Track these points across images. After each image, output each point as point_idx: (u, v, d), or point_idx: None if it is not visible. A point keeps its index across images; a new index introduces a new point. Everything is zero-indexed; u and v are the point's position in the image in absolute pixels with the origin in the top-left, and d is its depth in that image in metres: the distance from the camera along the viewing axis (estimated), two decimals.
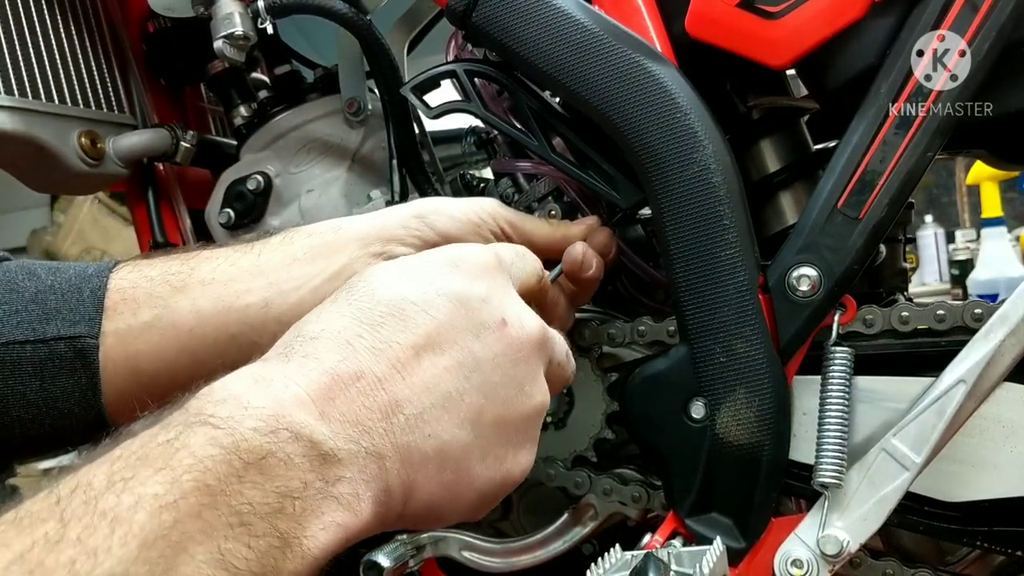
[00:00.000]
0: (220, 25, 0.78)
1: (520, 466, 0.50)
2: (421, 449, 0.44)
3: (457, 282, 0.48)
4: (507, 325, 0.48)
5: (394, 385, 0.44)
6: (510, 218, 0.66)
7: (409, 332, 0.45)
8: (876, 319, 0.61)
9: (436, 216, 0.63)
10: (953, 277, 2.87)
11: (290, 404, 0.40)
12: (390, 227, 0.62)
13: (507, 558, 0.75)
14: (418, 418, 0.44)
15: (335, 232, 0.63)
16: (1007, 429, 0.58)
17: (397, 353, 0.44)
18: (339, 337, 0.44)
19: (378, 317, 0.45)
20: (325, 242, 0.62)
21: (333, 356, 0.43)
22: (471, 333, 0.47)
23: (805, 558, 0.59)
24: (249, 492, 0.36)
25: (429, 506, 0.45)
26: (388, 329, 0.45)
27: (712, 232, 0.61)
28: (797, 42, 0.61)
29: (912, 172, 0.59)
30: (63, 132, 0.85)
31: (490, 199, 0.67)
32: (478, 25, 0.66)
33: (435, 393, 0.45)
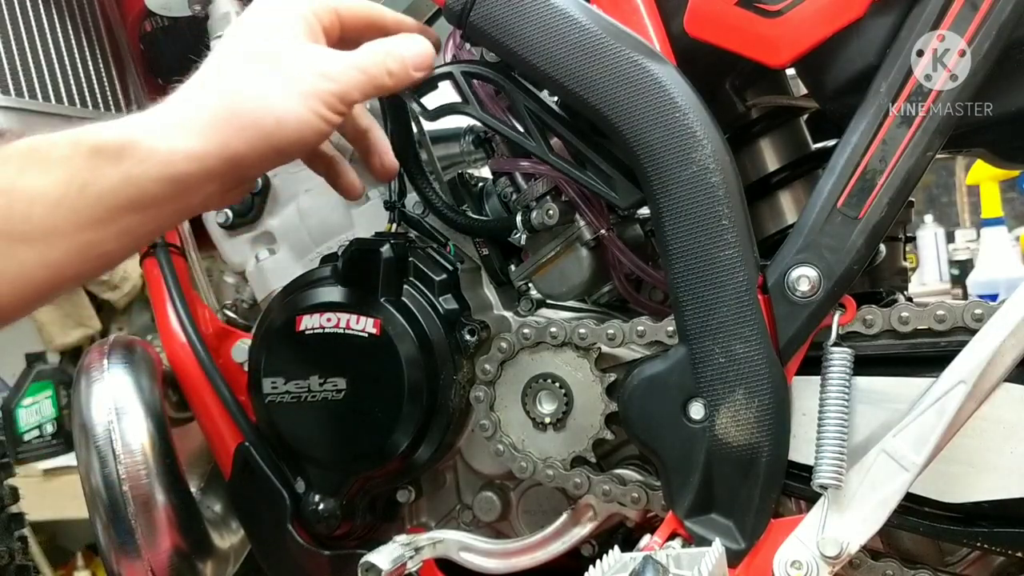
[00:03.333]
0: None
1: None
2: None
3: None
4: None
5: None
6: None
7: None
8: (876, 319, 0.61)
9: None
10: (953, 277, 2.87)
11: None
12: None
13: (506, 559, 0.75)
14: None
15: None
16: (1007, 430, 0.57)
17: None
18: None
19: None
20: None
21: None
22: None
23: (805, 559, 0.59)
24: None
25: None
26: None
27: (711, 232, 0.61)
28: (797, 41, 0.60)
29: (912, 172, 0.58)
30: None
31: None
32: (476, 24, 0.65)
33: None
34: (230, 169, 0.57)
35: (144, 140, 0.54)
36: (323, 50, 0.61)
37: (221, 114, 0.56)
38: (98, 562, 2.14)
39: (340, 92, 0.59)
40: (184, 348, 0.88)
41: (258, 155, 0.57)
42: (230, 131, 0.56)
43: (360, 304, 0.72)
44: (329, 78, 0.59)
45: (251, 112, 0.56)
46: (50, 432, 1.21)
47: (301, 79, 0.58)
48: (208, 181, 0.56)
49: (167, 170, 0.54)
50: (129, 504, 0.79)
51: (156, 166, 0.54)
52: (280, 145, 0.58)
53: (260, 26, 0.60)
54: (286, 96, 0.57)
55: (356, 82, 0.60)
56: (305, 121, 0.58)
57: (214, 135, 0.55)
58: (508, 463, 0.72)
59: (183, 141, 0.54)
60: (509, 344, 0.71)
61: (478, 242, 0.77)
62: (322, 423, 0.73)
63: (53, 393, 1.25)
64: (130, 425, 0.81)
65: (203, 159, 0.55)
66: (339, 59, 0.60)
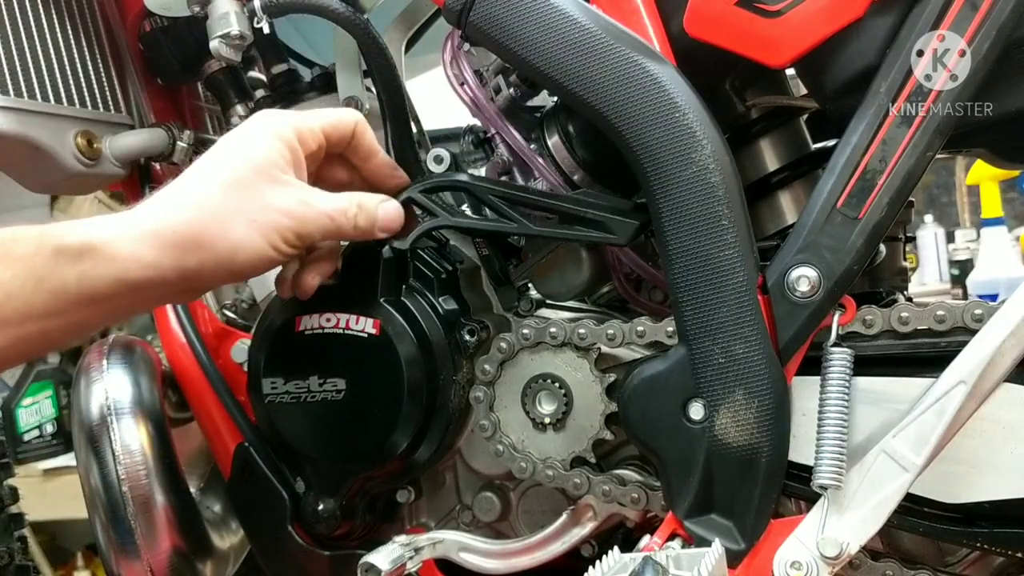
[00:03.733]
0: (216, 25, 0.78)
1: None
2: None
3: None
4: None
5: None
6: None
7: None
8: (876, 319, 0.61)
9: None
10: (953, 277, 2.87)
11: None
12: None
13: (506, 559, 0.75)
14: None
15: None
16: (1007, 430, 0.57)
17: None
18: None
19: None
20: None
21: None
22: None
23: (805, 560, 0.59)
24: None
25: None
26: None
27: (711, 232, 0.61)
28: (797, 41, 0.60)
29: (912, 172, 0.58)
30: (59, 132, 0.84)
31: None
32: (475, 24, 0.65)
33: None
34: (181, 281, 0.61)
35: (104, 246, 0.58)
36: (295, 191, 0.64)
37: (182, 235, 0.60)
38: (98, 562, 2.14)
39: (300, 232, 0.63)
40: (184, 348, 0.88)
41: (209, 274, 0.62)
42: (187, 251, 0.60)
43: (360, 304, 0.72)
44: (293, 217, 0.63)
45: (211, 239, 0.61)
46: (50, 432, 1.21)
47: (265, 214, 0.62)
48: (159, 287, 0.61)
49: (122, 275, 0.59)
50: (128, 504, 0.79)
51: (112, 271, 0.59)
52: (232, 270, 0.62)
53: (243, 154, 0.63)
54: (247, 229, 0.61)
55: (319, 225, 0.64)
56: (258, 251, 0.62)
57: (171, 252, 0.60)
58: (508, 463, 0.72)
59: (141, 252, 0.59)
60: (509, 344, 0.71)
61: (478, 242, 0.77)
62: (322, 423, 0.73)
63: (53, 393, 1.25)
64: (129, 425, 0.81)
65: (157, 270, 0.59)
66: (309, 202, 0.64)
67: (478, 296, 0.77)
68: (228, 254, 0.61)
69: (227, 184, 0.62)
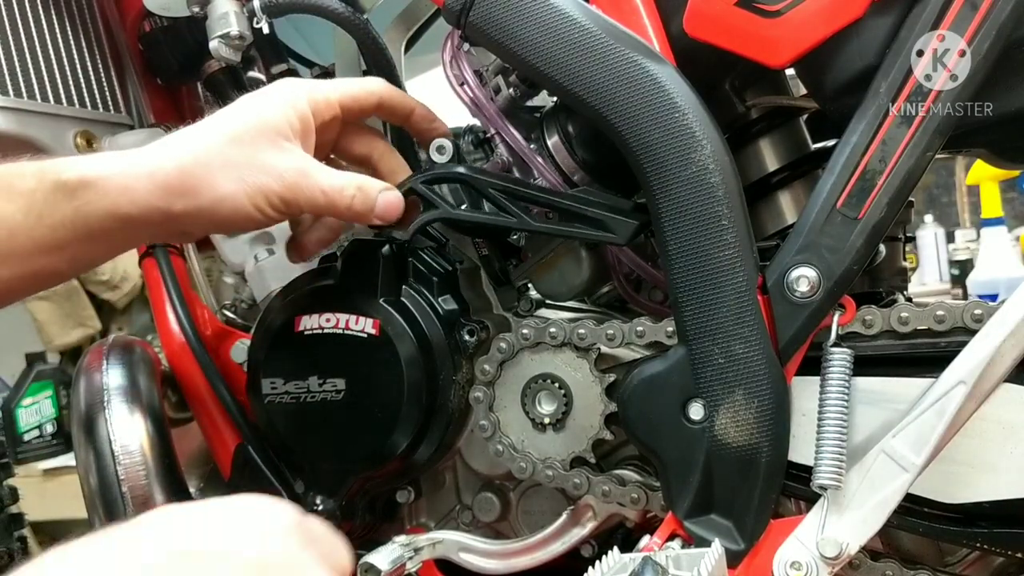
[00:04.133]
0: (216, 25, 0.78)
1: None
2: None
3: (254, 550, 0.42)
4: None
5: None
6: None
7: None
8: (875, 320, 0.61)
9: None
10: (953, 277, 2.87)
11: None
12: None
13: (505, 559, 0.75)
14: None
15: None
16: (1007, 430, 0.57)
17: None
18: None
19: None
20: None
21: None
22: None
23: (804, 560, 0.59)
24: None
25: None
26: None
27: (711, 232, 0.61)
28: (796, 41, 0.60)
29: (912, 172, 0.58)
30: (59, 132, 0.84)
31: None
32: (475, 24, 0.65)
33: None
34: (168, 222, 0.63)
35: (99, 181, 0.60)
36: (293, 158, 0.64)
37: (172, 178, 0.62)
38: None
39: (287, 198, 0.64)
40: (183, 348, 0.88)
41: (192, 220, 0.63)
42: (174, 194, 0.62)
43: (359, 304, 0.72)
44: (283, 182, 0.63)
45: (196, 187, 0.62)
46: (50, 432, 1.21)
47: (254, 174, 0.63)
48: (150, 226, 0.63)
49: (114, 210, 0.61)
50: (128, 504, 0.79)
51: (105, 205, 0.61)
52: (214, 219, 0.63)
53: (251, 114, 0.64)
54: (234, 184, 0.62)
55: (310, 196, 0.64)
56: (240, 208, 0.63)
57: (160, 193, 0.61)
58: (507, 463, 0.72)
59: (133, 190, 0.61)
60: (508, 344, 0.71)
61: (477, 242, 0.77)
62: (321, 423, 0.73)
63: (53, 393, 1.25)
64: (129, 425, 0.81)
65: (145, 209, 0.61)
66: (305, 171, 0.64)
67: (478, 296, 0.77)
68: (211, 204, 0.62)
69: (226, 138, 0.63)
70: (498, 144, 0.76)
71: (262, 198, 0.63)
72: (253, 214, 0.63)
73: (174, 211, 0.62)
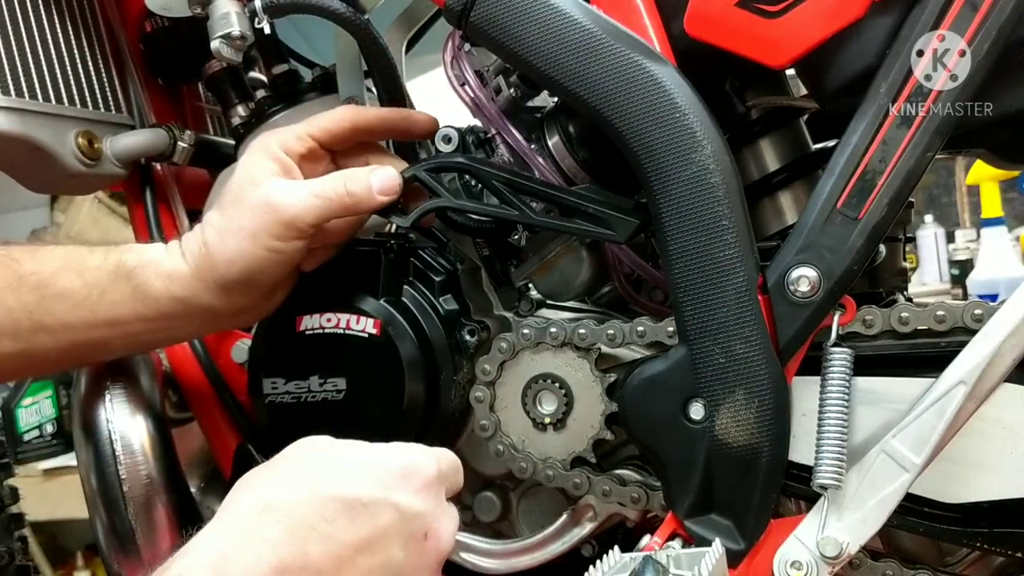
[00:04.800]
0: (217, 25, 0.78)
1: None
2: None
3: (402, 494, 0.53)
4: (428, 539, 0.54)
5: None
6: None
7: (354, 533, 0.51)
8: (876, 320, 0.61)
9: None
10: (953, 277, 2.87)
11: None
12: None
13: (506, 559, 0.75)
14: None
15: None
16: (1007, 430, 0.57)
17: (340, 551, 0.50)
18: (295, 530, 0.49)
19: (331, 512, 0.50)
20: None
21: (286, 549, 0.48)
22: (400, 543, 0.53)
23: (805, 560, 0.59)
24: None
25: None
26: (338, 526, 0.50)
27: (711, 232, 0.61)
28: (796, 42, 0.60)
29: (912, 172, 0.58)
30: (60, 132, 0.84)
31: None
32: (476, 25, 0.65)
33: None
34: (215, 300, 0.69)
35: (151, 264, 0.68)
36: (278, 185, 0.67)
37: (202, 256, 0.68)
38: (98, 562, 2.14)
39: (288, 220, 0.66)
40: (184, 348, 0.88)
41: (227, 294, 0.69)
42: (208, 271, 0.68)
43: (360, 305, 0.72)
44: (274, 209, 0.66)
45: (212, 257, 0.67)
46: (50, 432, 1.21)
47: (251, 218, 0.66)
48: (199, 308, 0.69)
49: (166, 294, 0.68)
50: (129, 504, 0.79)
51: (162, 284, 0.68)
52: (241, 279, 0.68)
53: (235, 178, 0.69)
54: (233, 238, 0.67)
55: (307, 207, 0.66)
56: (253, 254, 0.66)
57: (199, 272, 0.68)
58: (508, 463, 0.72)
59: (178, 274, 0.68)
60: (509, 344, 0.71)
61: (478, 242, 0.77)
62: (322, 423, 0.72)
63: (53, 393, 1.25)
64: (130, 425, 0.81)
65: (192, 287, 0.68)
66: (293, 189, 0.67)
67: (479, 296, 0.77)
68: (225, 266, 0.67)
69: (223, 205, 0.68)
70: (499, 144, 0.76)
71: (267, 236, 0.66)
72: (265, 254, 0.67)
73: (213, 287, 0.68)
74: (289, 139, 0.70)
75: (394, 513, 0.53)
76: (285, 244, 0.66)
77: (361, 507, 0.52)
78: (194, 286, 0.68)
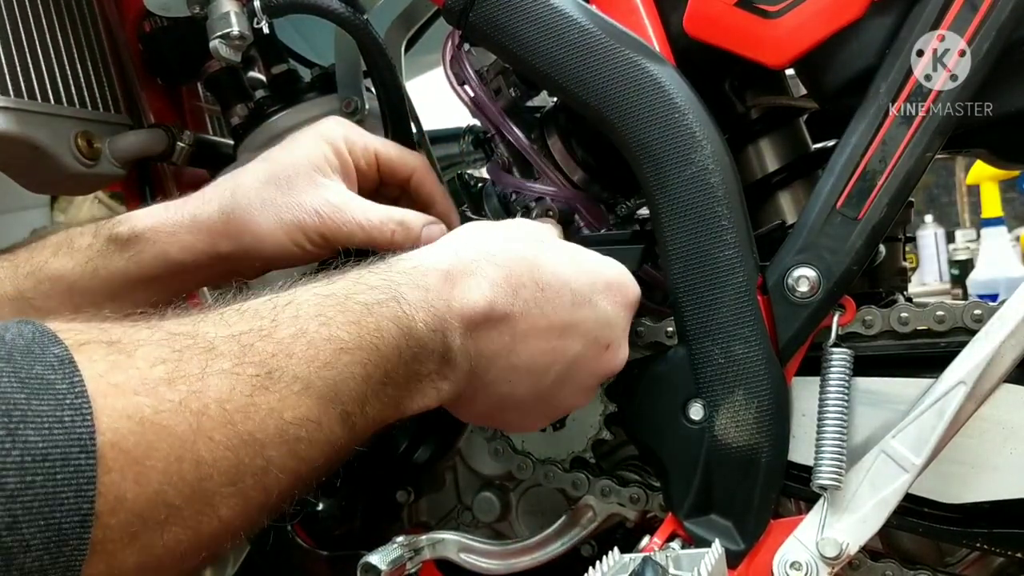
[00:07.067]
0: (216, 25, 0.78)
1: (533, 428, 0.66)
2: (498, 390, 0.56)
3: (605, 301, 0.58)
4: (608, 350, 0.59)
5: (522, 341, 0.55)
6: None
7: (554, 311, 0.56)
8: (875, 320, 0.61)
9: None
10: (953, 277, 2.87)
11: (454, 316, 0.52)
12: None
13: (505, 560, 0.75)
14: (513, 370, 0.55)
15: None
16: (1007, 431, 0.57)
17: (537, 319, 0.55)
18: (511, 279, 0.54)
19: (546, 285, 0.55)
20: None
21: (500, 291, 0.54)
22: (586, 341, 0.57)
23: (804, 560, 0.59)
24: (399, 364, 0.48)
25: (468, 413, 0.59)
26: (546, 297, 0.55)
27: (710, 232, 0.61)
28: (796, 41, 0.60)
29: (912, 172, 0.58)
30: (59, 133, 0.84)
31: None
32: (475, 25, 0.65)
33: (538, 363, 0.56)
34: (216, 263, 0.66)
35: (147, 232, 0.65)
36: (330, 193, 0.65)
37: (215, 222, 0.65)
38: None
39: (326, 232, 0.65)
40: None
41: (239, 260, 0.66)
42: (218, 237, 0.65)
43: None
44: (321, 218, 0.64)
45: (237, 229, 0.64)
46: None
47: (292, 212, 0.64)
48: (199, 269, 0.66)
49: (163, 257, 0.65)
50: None
51: (155, 253, 0.65)
52: (261, 258, 0.66)
53: (288, 153, 0.67)
54: (272, 224, 0.64)
55: (348, 231, 0.65)
56: (281, 245, 0.65)
57: (204, 236, 0.65)
58: (507, 464, 0.72)
59: (180, 236, 0.65)
60: None
61: None
62: None
63: None
64: None
65: (193, 252, 0.65)
66: (341, 207, 0.65)
67: None
68: (253, 244, 0.65)
69: (264, 179, 0.65)
70: (498, 144, 0.76)
71: (301, 235, 0.64)
72: (294, 251, 0.65)
73: (221, 253, 0.65)
74: (356, 143, 0.68)
75: (592, 312, 0.57)
76: (314, 249, 0.65)
77: (569, 293, 0.56)
78: (196, 250, 0.65)
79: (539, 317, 0.55)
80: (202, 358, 0.40)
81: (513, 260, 0.55)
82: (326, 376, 0.44)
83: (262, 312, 0.45)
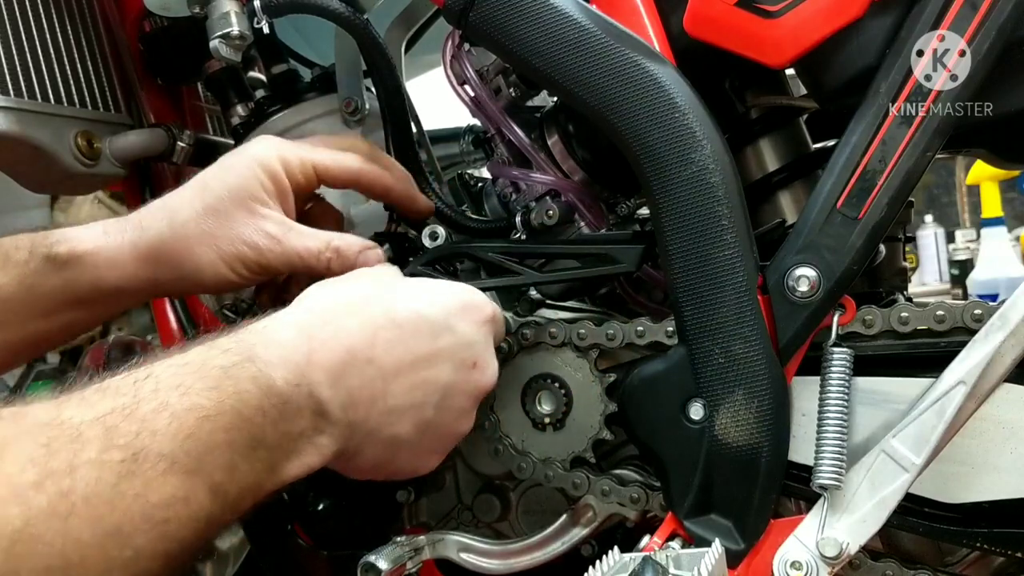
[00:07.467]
0: (216, 24, 0.78)
1: (428, 466, 0.63)
2: (382, 434, 0.57)
3: (461, 323, 0.60)
4: (475, 368, 0.61)
5: (393, 381, 0.56)
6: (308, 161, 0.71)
7: (416, 344, 0.57)
8: (875, 320, 0.61)
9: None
10: (953, 277, 2.87)
11: (315, 369, 0.52)
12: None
13: (505, 559, 0.75)
14: (392, 412, 0.56)
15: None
16: (1007, 430, 0.57)
17: (401, 355, 0.56)
18: (367, 323, 0.56)
19: (403, 321, 0.57)
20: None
21: (357, 337, 0.55)
22: (453, 365, 0.59)
23: (804, 560, 0.59)
24: (265, 426, 0.48)
25: (358, 468, 0.59)
26: (404, 333, 0.57)
27: (711, 232, 0.61)
28: (796, 41, 0.60)
29: (912, 172, 0.58)
30: (59, 132, 0.84)
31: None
32: (475, 24, 0.65)
33: (415, 397, 0.58)
34: (152, 288, 0.68)
35: (86, 256, 0.65)
36: (267, 223, 0.66)
37: (154, 251, 0.66)
38: None
39: (263, 263, 0.66)
40: (180, 334, 0.88)
41: (175, 286, 0.68)
42: (156, 265, 0.66)
43: None
44: (257, 250, 0.66)
45: (178, 259, 0.65)
46: None
47: (231, 244, 0.65)
48: (135, 293, 0.68)
49: (99, 283, 0.66)
50: None
51: (92, 277, 0.65)
52: (199, 284, 0.67)
53: (224, 182, 0.67)
54: (211, 254, 0.65)
55: (286, 260, 0.67)
56: (220, 275, 0.66)
57: (143, 264, 0.66)
58: (507, 463, 0.72)
59: (118, 262, 0.66)
60: (508, 344, 0.71)
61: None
62: None
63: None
64: None
65: (132, 279, 0.66)
66: (279, 238, 0.66)
67: None
68: (191, 273, 0.66)
69: (202, 210, 0.66)
70: (498, 144, 0.76)
71: (240, 265, 0.66)
72: (233, 279, 0.67)
73: (158, 280, 0.67)
74: (293, 163, 0.68)
75: (452, 337, 0.59)
76: (251, 276, 0.67)
77: (426, 324, 0.58)
78: (135, 277, 0.66)
79: (404, 353, 0.56)
80: (69, 449, 0.40)
81: (365, 305, 0.57)
82: (190, 448, 0.44)
83: (123, 389, 0.45)
